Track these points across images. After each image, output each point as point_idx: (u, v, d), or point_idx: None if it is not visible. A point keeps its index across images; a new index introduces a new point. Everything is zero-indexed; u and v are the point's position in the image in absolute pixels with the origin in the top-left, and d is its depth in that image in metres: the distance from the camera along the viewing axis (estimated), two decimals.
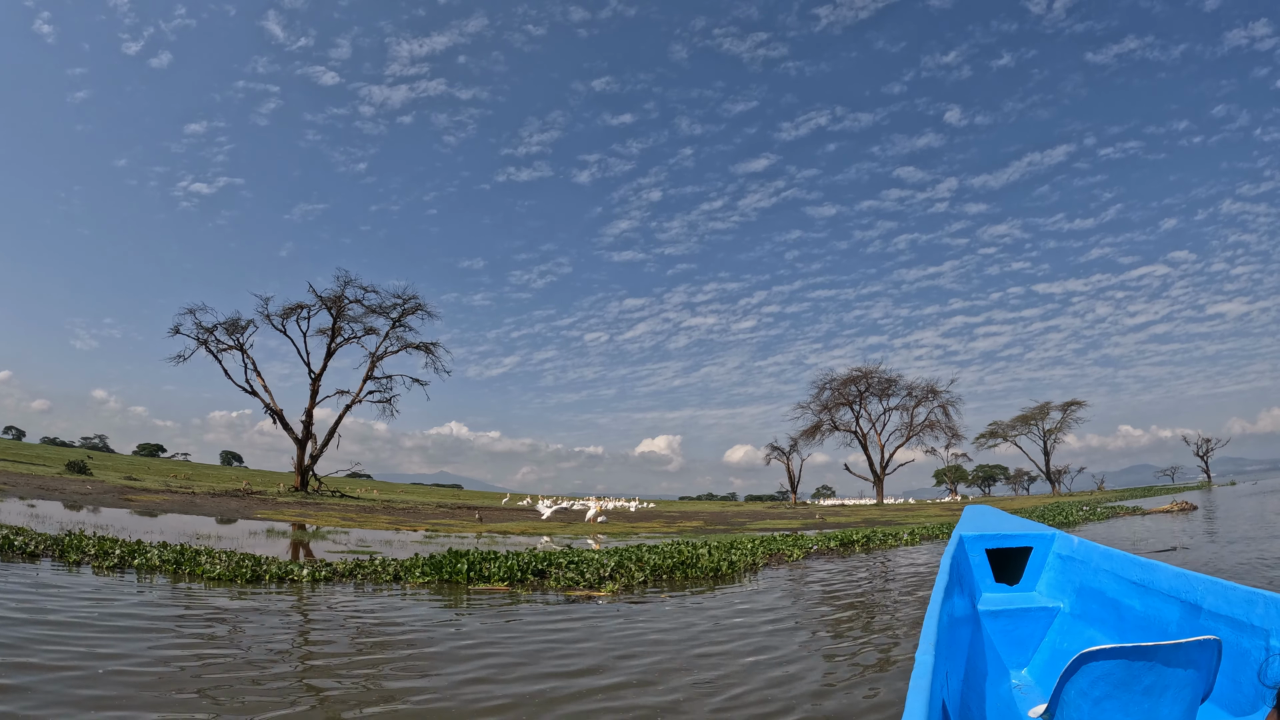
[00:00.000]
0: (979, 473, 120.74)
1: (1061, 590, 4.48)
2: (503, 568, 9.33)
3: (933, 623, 2.69)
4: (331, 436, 44.76)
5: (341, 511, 27.85)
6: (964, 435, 78.30)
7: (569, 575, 9.12)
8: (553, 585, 8.91)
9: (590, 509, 30.38)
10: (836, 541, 15.78)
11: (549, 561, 9.95)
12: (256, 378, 43.46)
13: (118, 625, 5.85)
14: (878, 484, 77.94)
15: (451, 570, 9.28)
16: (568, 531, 22.74)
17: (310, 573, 9.07)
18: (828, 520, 32.94)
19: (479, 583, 8.97)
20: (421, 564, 9.64)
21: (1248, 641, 2.92)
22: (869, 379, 78.84)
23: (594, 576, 9.16)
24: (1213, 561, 10.72)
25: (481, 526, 23.39)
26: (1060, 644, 4.09)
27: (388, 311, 45.43)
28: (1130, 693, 2.35)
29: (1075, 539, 4.67)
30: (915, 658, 2.33)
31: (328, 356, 45.11)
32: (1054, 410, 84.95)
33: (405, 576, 9.26)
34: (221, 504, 27.32)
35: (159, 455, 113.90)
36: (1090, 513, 27.30)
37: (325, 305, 44.05)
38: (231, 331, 42.23)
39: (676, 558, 10.66)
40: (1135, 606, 3.74)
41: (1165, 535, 16.38)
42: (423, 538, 18.16)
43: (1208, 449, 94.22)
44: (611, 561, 10.07)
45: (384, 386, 46.01)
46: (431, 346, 46.49)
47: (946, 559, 3.92)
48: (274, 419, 43.63)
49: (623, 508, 46.32)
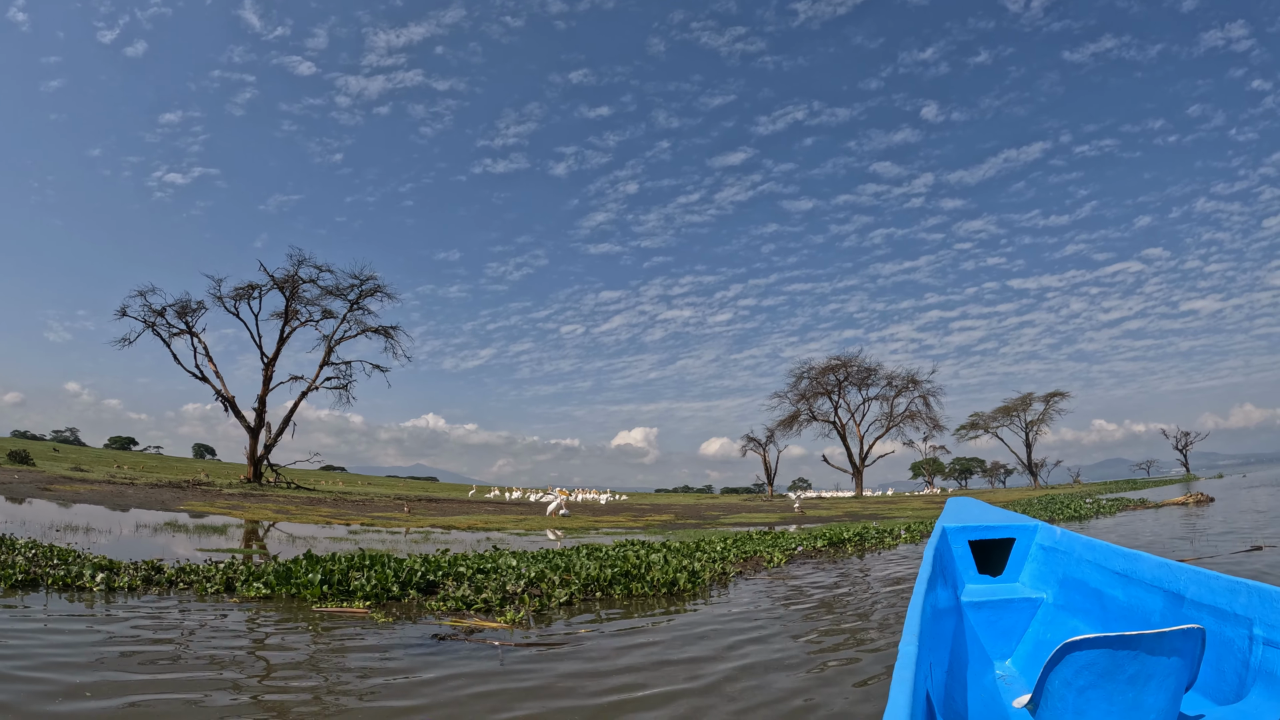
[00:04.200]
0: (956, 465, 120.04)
1: (1045, 581, 4.38)
2: (374, 580, 6.79)
3: (916, 614, 2.53)
4: (286, 425, 42.29)
5: (281, 504, 25.61)
6: (945, 426, 76.71)
7: (462, 593, 6.57)
8: (437, 606, 6.36)
9: (552, 501, 27.94)
10: (824, 540, 13.29)
11: (444, 572, 7.40)
12: (208, 363, 40.81)
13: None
14: (857, 476, 75.84)
15: (301, 582, 6.77)
16: (523, 526, 20.37)
17: (106, 579, 6.77)
18: (807, 514, 30.93)
19: (334, 600, 6.43)
20: (270, 571, 7.14)
21: (1231, 630, 2.83)
22: (848, 368, 76.58)
23: (497, 594, 6.62)
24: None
25: (411, 520, 21.03)
26: (1044, 634, 4.01)
27: (345, 293, 42.76)
28: (1114, 682, 2.35)
29: (1058, 530, 4.52)
30: (898, 649, 2.10)
31: (281, 341, 42.45)
32: (1036, 401, 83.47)
33: (240, 588, 6.83)
34: (154, 495, 25.20)
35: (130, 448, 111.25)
36: (1096, 506, 25.06)
37: (278, 286, 41.26)
38: (182, 314, 39.50)
39: (620, 566, 8.06)
40: (1118, 596, 3.67)
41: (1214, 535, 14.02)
42: (347, 533, 16.27)
43: (1186, 443, 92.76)
44: (531, 571, 7.52)
45: (342, 373, 43.36)
46: (391, 330, 43.86)
47: (929, 551, 3.79)
48: (225, 406, 40.99)
49: (591, 500, 44.22)
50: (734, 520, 25.26)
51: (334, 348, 42.95)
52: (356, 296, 42.90)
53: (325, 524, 18.82)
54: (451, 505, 31.67)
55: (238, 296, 41.06)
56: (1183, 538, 13.16)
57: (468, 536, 16.19)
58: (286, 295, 41.55)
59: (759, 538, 13.55)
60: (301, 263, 41.13)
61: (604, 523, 23.16)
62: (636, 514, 29.80)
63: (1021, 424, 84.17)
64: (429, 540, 14.79)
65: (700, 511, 32.87)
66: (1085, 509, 23.93)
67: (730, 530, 17.87)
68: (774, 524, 22.74)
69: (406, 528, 18.48)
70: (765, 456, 78.74)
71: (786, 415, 77.88)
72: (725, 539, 13.03)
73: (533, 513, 28.29)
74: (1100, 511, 23.17)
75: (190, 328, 39.94)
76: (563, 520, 23.85)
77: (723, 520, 25.36)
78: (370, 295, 43.16)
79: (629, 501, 47.81)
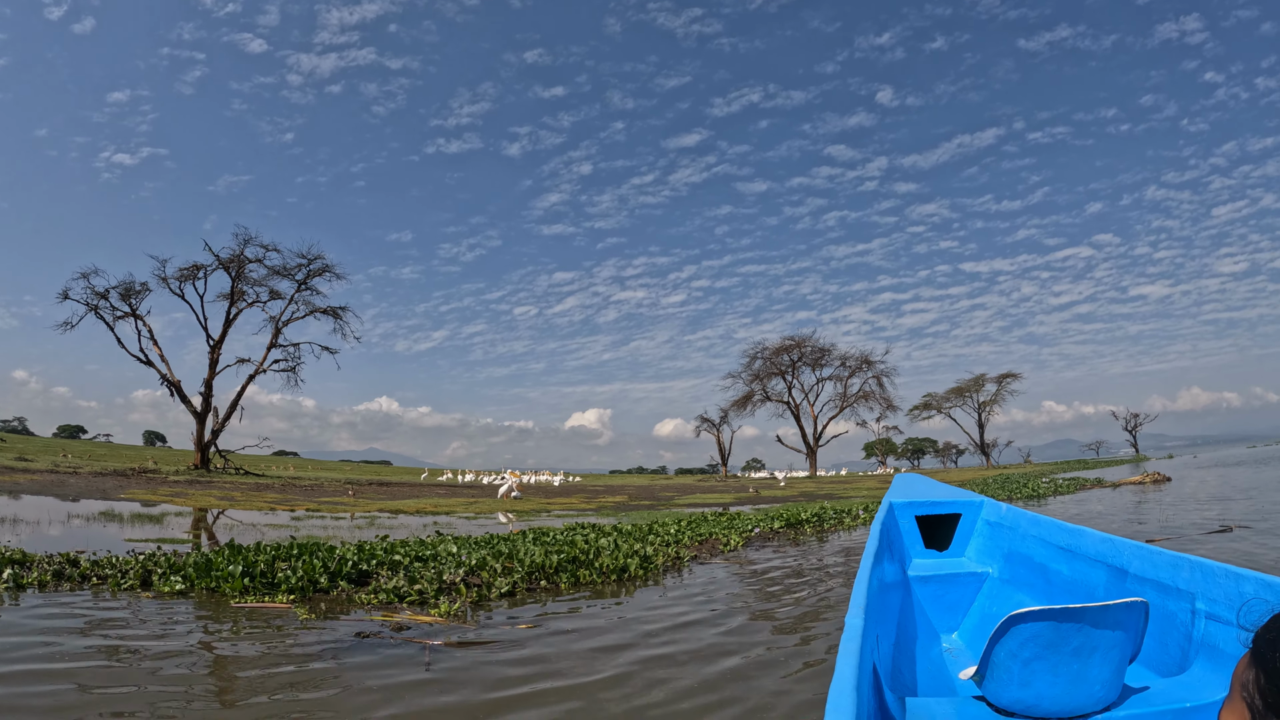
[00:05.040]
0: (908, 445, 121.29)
1: (990, 555, 4.41)
2: (301, 571, 6.29)
3: (862, 588, 2.55)
4: (234, 409, 40.93)
5: (226, 491, 24.88)
6: (899, 407, 77.04)
7: (395, 584, 6.11)
8: (368, 599, 5.90)
9: (505, 483, 27.44)
10: (781, 521, 13.03)
11: (379, 561, 6.92)
12: (153, 346, 39.27)
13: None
14: (811, 456, 76.01)
15: (222, 575, 6.25)
16: (473, 509, 19.89)
17: (14, 575, 6.24)
18: (762, 494, 30.85)
19: (255, 595, 5.94)
20: (190, 563, 6.62)
21: (1174, 604, 2.86)
22: (802, 348, 76.37)
23: (433, 585, 6.17)
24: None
25: (357, 505, 20.47)
26: (990, 608, 4.00)
27: (292, 273, 41.31)
28: (1059, 654, 2.34)
29: (1003, 506, 4.55)
30: (845, 621, 2.09)
31: (227, 323, 40.95)
32: (989, 382, 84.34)
33: (156, 582, 6.31)
34: (96, 484, 24.40)
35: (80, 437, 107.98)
36: (1054, 485, 25.23)
37: (223, 266, 39.80)
38: (126, 296, 37.89)
39: (567, 552, 7.61)
40: (1063, 571, 3.67)
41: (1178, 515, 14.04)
42: (290, 519, 15.79)
43: (1136, 424, 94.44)
44: (473, 558, 7.06)
45: (291, 355, 42.12)
46: (340, 311, 42.58)
47: (876, 525, 3.73)
48: (171, 391, 39.59)
49: (545, 482, 43.72)
50: (688, 501, 25.01)
51: (282, 329, 41.57)
52: (305, 277, 41.51)
53: (269, 510, 18.28)
54: (402, 489, 31.02)
55: (182, 278, 39.44)
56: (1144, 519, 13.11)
57: (415, 521, 15.75)
58: (232, 276, 40.05)
59: (714, 519, 13.25)
60: (248, 242, 39.64)
61: (557, 505, 22.78)
62: (590, 496, 29.42)
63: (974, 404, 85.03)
64: (374, 526, 14.31)
65: (655, 492, 32.60)
66: (1043, 488, 24.08)
67: (685, 512, 17.59)
68: (729, 504, 22.50)
69: (352, 513, 17.96)
70: (719, 437, 78.75)
71: (740, 395, 77.75)
72: (679, 521, 12.70)
73: (485, 495, 27.77)
74: (1059, 490, 23.26)
75: (134, 310, 38.27)
76: (514, 503, 23.40)
77: (677, 501, 25.11)
78: (319, 275, 41.79)
79: (583, 483, 47.27)
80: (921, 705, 2.54)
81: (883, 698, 2.45)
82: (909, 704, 2.52)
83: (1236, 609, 2.55)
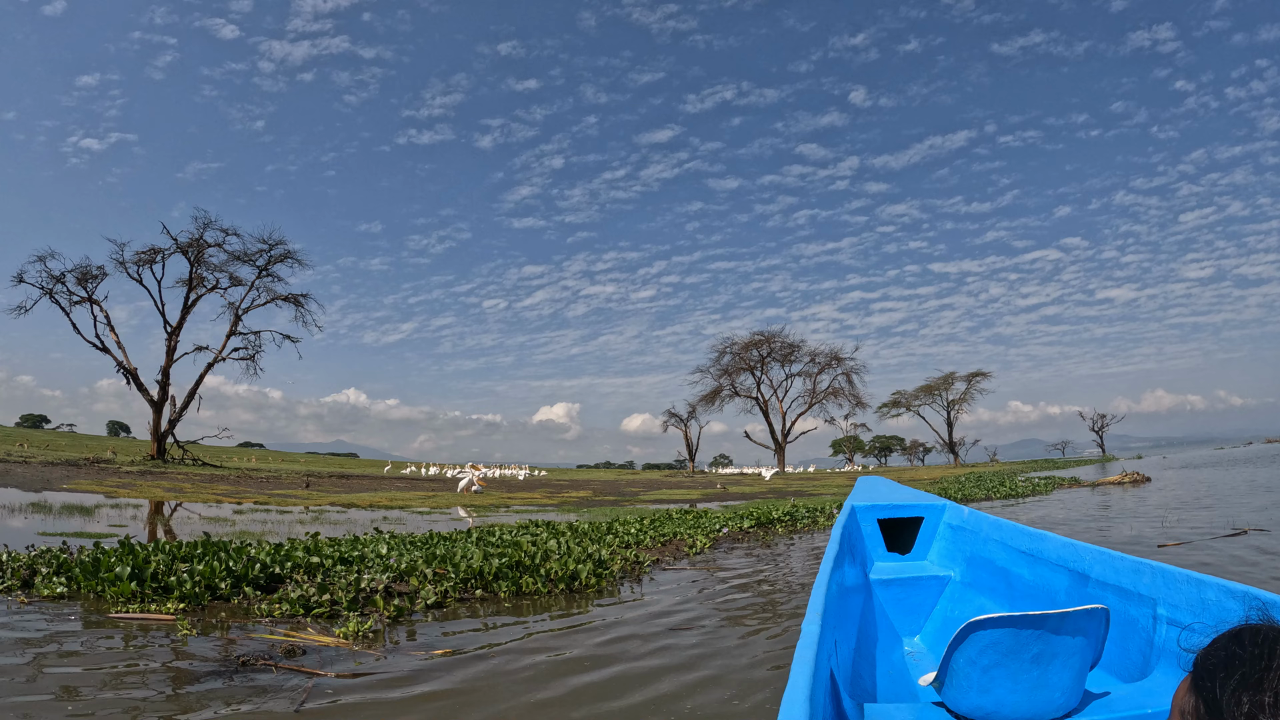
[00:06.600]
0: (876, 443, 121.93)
1: (953, 559, 4.36)
2: (199, 574, 5.48)
3: (820, 592, 2.52)
4: (191, 398, 39.71)
5: (177, 482, 24.05)
6: (868, 404, 77.07)
7: (304, 592, 5.30)
8: (271, 610, 5.08)
9: (465, 477, 26.61)
10: (751, 521, 12.33)
11: (295, 563, 6.09)
12: (109, 333, 37.89)
13: None
14: (779, 452, 75.79)
15: (109, 577, 5.43)
16: (429, 504, 19.10)
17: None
18: (730, 490, 30.34)
19: (140, 602, 5.12)
20: (77, 563, 5.79)
21: (1135, 610, 2.84)
22: (771, 344, 76.07)
23: (348, 594, 5.35)
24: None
25: (310, 498, 19.61)
26: (951, 612, 3.97)
27: (253, 259, 40.06)
28: (1019, 660, 2.33)
29: (965, 509, 4.47)
30: (801, 627, 2.00)
31: (186, 309, 39.64)
32: (958, 381, 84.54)
33: (39, 583, 5.56)
34: (41, 474, 23.74)
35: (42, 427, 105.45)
36: (1031, 485, 24.73)
37: (181, 250, 38.46)
38: (82, 281, 36.48)
39: (511, 555, 6.78)
40: (1025, 575, 3.66)
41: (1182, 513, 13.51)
42: (232, 512, 15.04)
43: (1102, 425, 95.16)
44: (402, 562, 6.24)
45: (251, 343, 40.89)
46: (302, 299, 41.38)
47: (837, 529, 3.71)
48: (127, 379, 38.28)
49: (509, 476, 42.97)
50: (654, 497, 24.37)
51: (241, 316, 40.31)
52: (266, 262, 40.23)
53: (215, 503, 17.56)
54: (362, 482, 30.07)
55: (140, 262, 38.04)
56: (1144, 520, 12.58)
57: (365, 515, 15.03)
58: (191, 260, 38.78)
59: (680, 517, 12.54)
60: (207, 225, 38.31)
61: (518, 500, 22.06)
62: (553, 490, 28.70)
63: (943, 403, 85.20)
64: (320, 520, 13.54)
65: (620, 488, 31.91)
66: (1021, 487, 23.59)
67: (650, 508, 16.90)
68: (695, 501, 21.84)
69: (305, 505, 17.14)
70: (687, 433, 78.47)
71: (709, 391, 77.38)
72: (643, 519, 11.98)
73: (447, 489, 26.94)
74: (1036, 490, 22.75)
75: (90, 295, 36.99)
76: (474, 497, 22.65)
77: (643, 497, 24.48)
78: (280, 261, 40.54)
79: (548, 478, 46.54)
80: (880, 711, 2.49)
81: (840, 705, 2.37)
82: (867, 710, 2.47)
83: (1197, 615, 2.53)
